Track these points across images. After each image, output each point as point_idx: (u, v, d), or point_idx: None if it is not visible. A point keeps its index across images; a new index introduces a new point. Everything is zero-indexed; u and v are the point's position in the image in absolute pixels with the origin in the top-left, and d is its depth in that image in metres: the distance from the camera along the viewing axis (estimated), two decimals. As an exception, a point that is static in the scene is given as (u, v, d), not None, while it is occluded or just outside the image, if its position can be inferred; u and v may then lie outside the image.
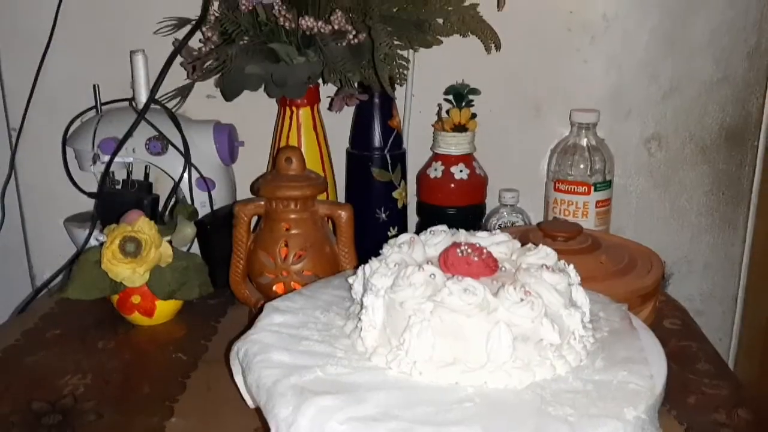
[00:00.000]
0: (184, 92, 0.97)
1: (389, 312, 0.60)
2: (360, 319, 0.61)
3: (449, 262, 0.63)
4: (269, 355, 0.60)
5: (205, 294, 0.88)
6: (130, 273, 0.80)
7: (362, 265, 0.67)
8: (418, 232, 1.05)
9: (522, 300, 0.57)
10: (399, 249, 0.66)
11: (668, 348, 0.66)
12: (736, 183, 1.08)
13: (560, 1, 1.02)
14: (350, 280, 0.68)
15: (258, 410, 0.58)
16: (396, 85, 0.93)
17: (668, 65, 1.04)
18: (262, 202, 0.84)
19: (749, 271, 1.12)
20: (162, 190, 1.01)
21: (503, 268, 0.65)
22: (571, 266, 0.66)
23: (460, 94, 1.00)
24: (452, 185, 1.00)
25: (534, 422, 0.51)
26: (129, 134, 0.94)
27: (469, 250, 0.64)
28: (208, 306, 0.92)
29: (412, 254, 0.66)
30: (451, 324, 0.57)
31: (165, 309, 0.86)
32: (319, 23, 0.88)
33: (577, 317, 0.60)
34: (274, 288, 0.84)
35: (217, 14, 0.93)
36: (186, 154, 0.96)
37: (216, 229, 0.92)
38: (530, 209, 1.06)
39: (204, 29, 0.92)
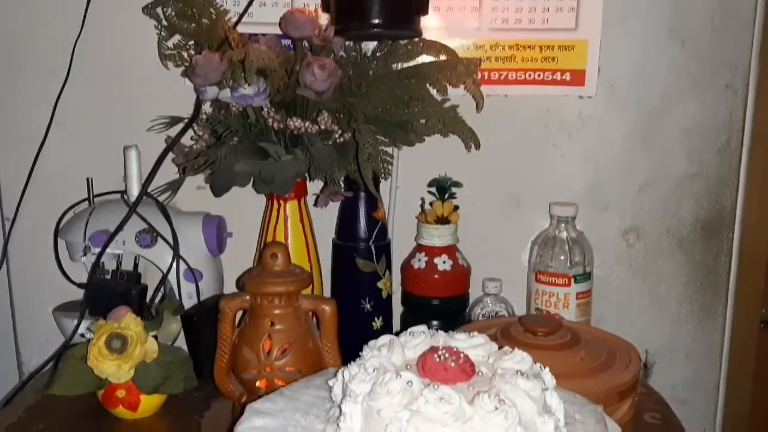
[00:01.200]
0: (174, 186, 1.00)
1: (367, 419, 0.61)
2: (338, 426, 0.63)
3: (427, 368, 0.65)
4: (249, 463, 0.61)
5: (189, 387, 0.89)
6: (116, 369, 0.81)
7: (342, 369, 0.68)
8: (403, 322, 1.08)
9: (496, 408, 0.59)
10: (378, 352, 0.68)
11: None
12: (713, 273, 1.11)
13: (538, 99, 1.06)
14: (330, 383, 0.70)
15: None
16: (381, 179, 0.96)
17: (643, 161, 1.08)
18: (248, 297, 0.86)
19: (730, 360, 1.13)
20: (151, 279, 1.03)
21: (480, 373, 0.66)
22: (547, 369, 0.67)
23: (443, 187, 1.03)
24: (436, 276, 1.03)
25: None
26: (120, 228, 0.96)
27: (447, 355, 0.65)
28: (193, 399, 0.92)
29: (392, 358, 0.68)
30: (427, 433, 0.58)
31: (149, 403, 0.87)
32: (307, 123, 0.92)
33: (551, 424, 0.61)
34: (257, 384, 0.84)
35: (208, 113, 0.97)
36: (175, 247, 0.98)
37: (202, 321, 0.94)
38: (514, 298, 1.08)
39: (196, 128, 0.96)
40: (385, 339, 0.71)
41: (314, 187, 1.01)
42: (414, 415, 0.58)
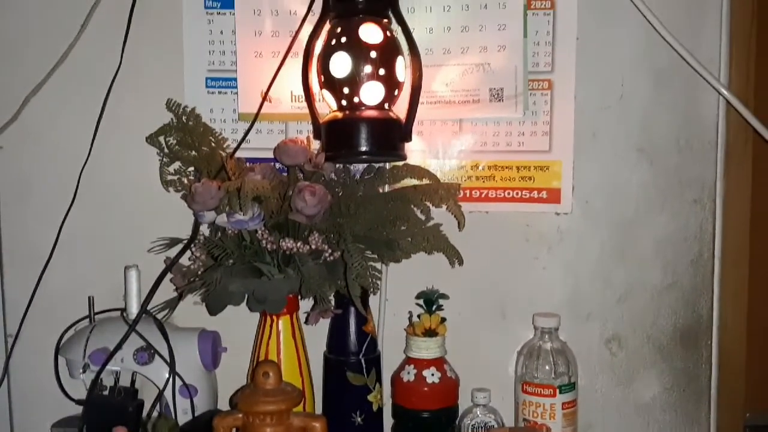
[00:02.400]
0: (172, 305, 1.05)
1: None
2: None
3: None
4: None
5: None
6: (110, 490, 0.83)
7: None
8: (392, 434, 1.10)
9: None
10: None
11: None
12: (695, 380, 1.14)
13: (517, 215, 1.12)
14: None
15: None
16: (370, 293, 1.01)
17: (620, 272, 1.13)
18: (240, 416, 0.89)
19: (717, 469, 1.15)
20: (147, 394, 1.06)
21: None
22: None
23: (430, 300, 1.08)
24: (425, 389, 1.05)
25: None
26: (119, 347, 1.00)
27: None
28: None
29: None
30: None
31: None
32: (299, 244, 0.97)
33: None
34: (249, 504, 0.86)
35: (205, 235, 1.03)
36: (171, 364, 1.02)
37: (196, 437, 0.96)
38: (503, 408, 1.10)
39: (193, 249, 1.01)
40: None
41: (306, 302, 1.05)
42: None
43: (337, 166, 1.06)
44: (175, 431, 0.93)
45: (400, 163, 1.06)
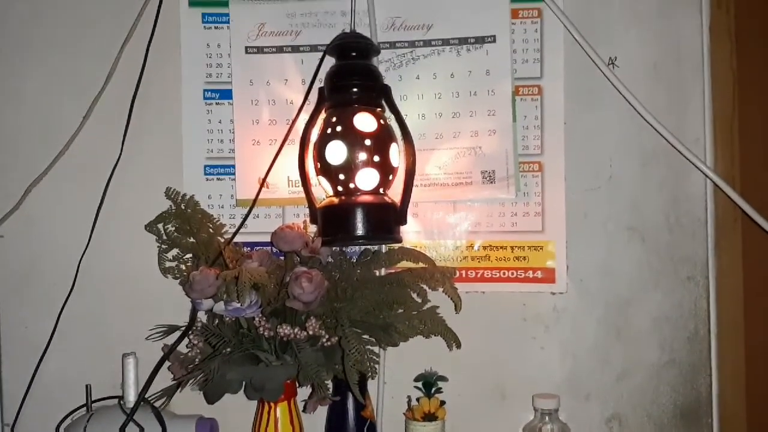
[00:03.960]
0: (170, 392, 1.04)
1: None
2: None
3: None
4: None
5: None
6: None
7: None
8: None
9: None
10: None
11: None
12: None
13: (513, 295, 1.14)
14: None
15: None
16: (369, 378, 1.01)
17: (618, 350, 1.13)
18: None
19: None
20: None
21: None
22: None
23: (429, 383, 1.07)
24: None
25: None
26: (116, 437, 0.99)
27: None
28: None
29: None
30: None
31: None
32: (296, 330, 0.98)
33: None
34: None
35: (203, 322, 1.03)
36: (168, 454, 1.00)
37: None
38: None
39: (191, 336, 1.02)
40: None
41: (304, 388, 1.05)
42: None
43: (334, 249, 1.08)
44: None
45: (396, 246, 1.08)
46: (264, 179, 1.10)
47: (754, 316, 1.14)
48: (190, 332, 1.02)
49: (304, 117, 1.07)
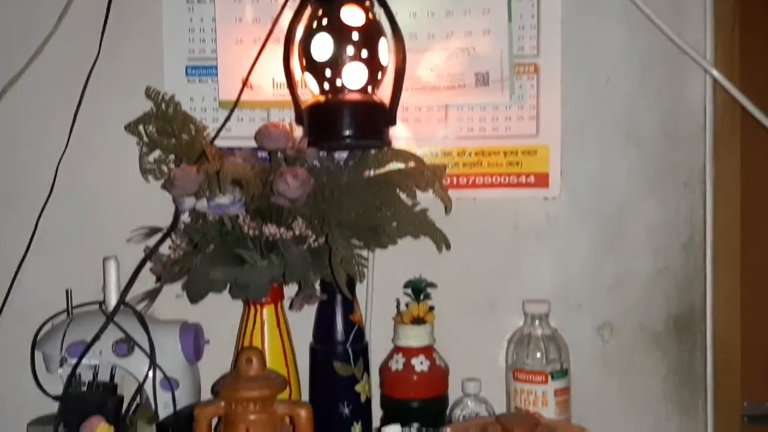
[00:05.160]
0: (152, 295, 1.02)
1: None
2: None
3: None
4: None
5: (163, 501, 0.87)
6: (86, 481, 0.80)
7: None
8: (381, 426, 1.07)
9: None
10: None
11: None
12: (690, 368, 1.12)
13: (505, 202, 1.11)
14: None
15: None
16: (357, 282, 0.99)
17: (611, 259, 1.11)
18: (222, 404, 0.86)
19: (714, 457, 1.12)
20: (127, 390, 1.03)
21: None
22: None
23: (418, 289, 1.05)
24: (414, 377, 1.02)
25: None
26: (96, 338, 0.97)
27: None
28: None
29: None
30: None
31: None
32: (282, 229, 0.95)
33: None
34: (231, 493, 0.83)
35: (186, 223, 1.00)
36: (151, 356, 0.98)
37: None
38: (494, 398, 1.07)
39: (173, 237, 0.99)
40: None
41: (291, 290, 1.02)
42: None
43: (321, 154, 1.04)
44: (155, 422, 0.89)
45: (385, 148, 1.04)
46: (247, 78, 1.06)
47: (750, 224, 1.11)
48: (172, 233, 0.99)
49: (288, 13, 1.02)
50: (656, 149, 1.10)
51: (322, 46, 0.97)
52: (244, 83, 1.06)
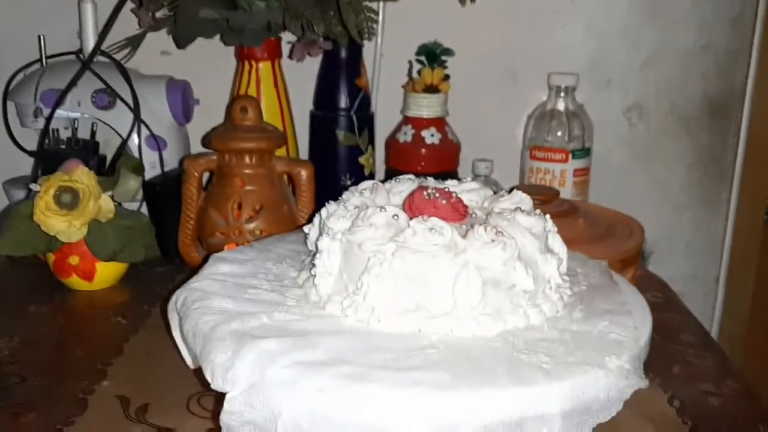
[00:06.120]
0: (134, 42, 0.90)
1: (346, 256, 0.53)
2: (314, 264, 0.55)
3: (414, 205, 0.57)
4: (210, 302, 0.53)
5: (151, 257, 0.81)
6: (66, 227, 0.73)
7: (318, 211, 0.60)
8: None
9: (493, 241, 0.51)
10: (360, 194, 0.60)
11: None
12: (719, 157, 1.04)
13: (539, -41, 0.97)
14: (306, 228, 0.62)
15: (199, 371, 0.51)
16: (365, 42, 0.87)
17: (649, 32, 0.99)
18: (214, 156, 0.78)
19: (732, 252, 1.07)
20: (111, 151, 0.94)
21: (473, 215, 0.59)
22: (548, 216, 0.60)
23: (432, 54, 0.94)
24: (423, 150, 0.94)
25: (505, 368, 0.45)
26: (73, 83, 0.87)
27: (437, 194, 0.58)
28: (155, 273, 0.84)
29: (375, 200, 0.60)
30: (415, 266, 0.50)
31: (106, 272, 0.79)
32: (281, -33, 0.82)
33: (554, 264, 0.54)
34: (225, 248, 0.77)
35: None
36: (135, 109, 0.89)
37: (166, 192, 0.85)
38: (505, 181, 1.00)
39: (157, -28, 0.85)
40: (368, 183, 0.63)
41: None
42: (400, 247, 0.51)
43: None
44: (140, 172, 0.81)
45: None
46: None
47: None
48: (155, -33, 0.85)
49: None
50: None
51: None
52: None
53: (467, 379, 0.44)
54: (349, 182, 0.94)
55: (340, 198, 0.61)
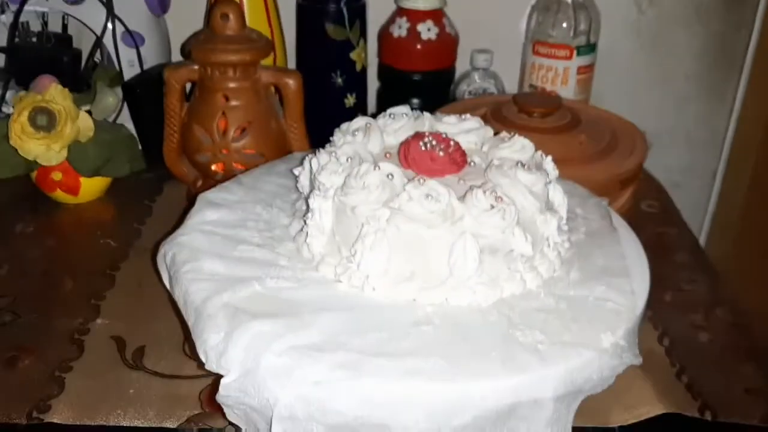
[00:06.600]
0: None
1: (339, 217, 0.51)
2: (306, 223, 0.53)
3: (410, 157, 0.54)
4: (200, 264, 0.52)
5: (136, 170, 0.79)
6: (44, 150, 0.70)
7: (309, 157, 0.57)
8: (379, 99, 0.96)
9: (492, 207, 0.49)
10: (353, 138, 0.57)
11: (645, 236, 0.60)
12: (729, 48, 0.98)
13: None
14: (296, 171, 0.59)
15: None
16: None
17: None
18: (196, 68, 0.72)
19: (732, 146, 1.05)
20: (85, 47, 0.87)
21: (472, 163, 0.56)
22: (549, 158, 0.57)
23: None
24: (418, 46, 0.89)
25: (500, 352, 0.45)
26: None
27: (434, 143, 0.54)
28: (142, 181, 0.82)
29: (368, 145, 0.57)
30: (410, 234, 0.49)
31: (91, 186, 0.77)
32: None
33: (553, 223, 0.52)
34: (212, 167, 0.74)
35: None
36: (108, 2, 0.82)
37: (147, 93, 0.81)
38: (505, 74, 0.95)
39: None
40: (360, 122, 0.59)
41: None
42: (395, 213, 0.49)
43: None
44: (117, 82, 0.76)
45: None
46: None
47: None
48: None
49: None
50: None
51: None
52: None
53: (462, 367, 0.44)
54: (340, 80, 0.89)
55: (330, 142, 0.58)
